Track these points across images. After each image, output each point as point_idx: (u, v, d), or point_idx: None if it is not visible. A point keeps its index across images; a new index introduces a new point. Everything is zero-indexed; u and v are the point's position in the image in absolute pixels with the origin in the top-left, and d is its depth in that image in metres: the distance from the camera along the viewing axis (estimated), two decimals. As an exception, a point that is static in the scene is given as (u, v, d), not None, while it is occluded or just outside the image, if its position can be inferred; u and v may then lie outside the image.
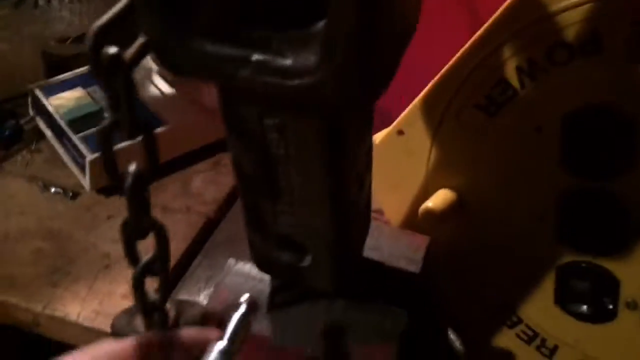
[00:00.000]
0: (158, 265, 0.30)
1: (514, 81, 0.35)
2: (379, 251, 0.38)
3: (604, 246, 0.36)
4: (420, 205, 0.41)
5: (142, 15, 0.23)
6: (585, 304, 0.37)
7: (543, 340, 0.40)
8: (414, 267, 0.36)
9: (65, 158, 0.66)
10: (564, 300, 0.38)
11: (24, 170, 0.68)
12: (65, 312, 0.52)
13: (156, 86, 0.71)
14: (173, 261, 0.57)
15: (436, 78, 0.37)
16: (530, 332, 0.40)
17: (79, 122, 0.65)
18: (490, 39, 0.35)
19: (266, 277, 0.36)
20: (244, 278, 0.36)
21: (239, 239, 0.60)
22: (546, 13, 0.33)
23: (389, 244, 0.38)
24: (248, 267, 0.36)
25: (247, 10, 0.22)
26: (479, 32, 0.35)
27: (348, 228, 0.30)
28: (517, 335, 0.41)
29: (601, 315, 0.37)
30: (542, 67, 0.34)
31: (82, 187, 0.64)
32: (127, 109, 0.24)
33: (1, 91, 0.76)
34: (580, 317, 0.38)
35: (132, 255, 0.29)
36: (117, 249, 0.58)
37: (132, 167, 0.26)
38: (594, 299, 0.37)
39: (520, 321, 0.40)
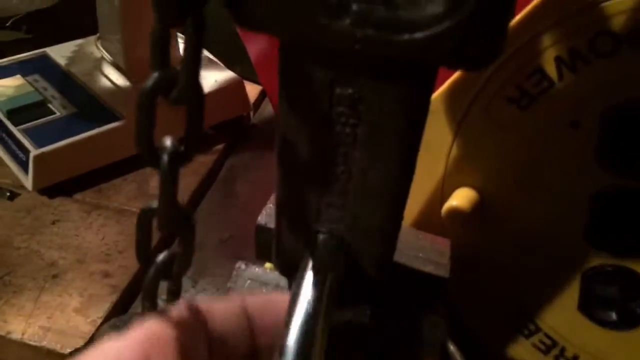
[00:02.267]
0: (178, 265, 0.24)
1: (552, 72, 0.33)
2: (401, 253, 0.34)
3: (636, 249, 0.34)
4: (434, 204, 0.38)
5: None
6: (611, 310, 0.36)
7: (562, 350, 0.38)
8: (443, 272, 0.33)
9: (2, 154, 0.58)
10: (589, 306, 0.36)
11: (-51, 167, 0.59)
12: (6, 330, 0.44)
13: (108, 78, 0.64)
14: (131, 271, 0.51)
15: (458, 73, 0.35)
16: (548, 341, 0.38)
17: (20, 113, 0.57)
18: (528, 26, 0.33)
19: (283, 283, 0.31)
20: (258, 283, 0.31)
21: (207, 245, 0.56)
22: (592, 0, 0.31)
23: (411, 246, 0.35)
24: (259, 272, 0.32)
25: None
26: (516, 18, 0.33)
27: (399, 226, 0.26)
28: (534, 345, 0.39)
29: (628, 321, 0.35)
30: (584, 58, 0.32)
31: (22, 187, 0.56)
32: (192, 62, 0.19)
33: None
34: (605, 324, 0.36)
35: (145, 251, 0.24)
36: (65, 257, 0.51)
37: (168, 142, 0.21)
38: (621, 304, 0.35)
39: (538, 329, 0.38)
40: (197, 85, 0.20)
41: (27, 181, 0.55)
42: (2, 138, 0.57)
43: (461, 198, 0.36)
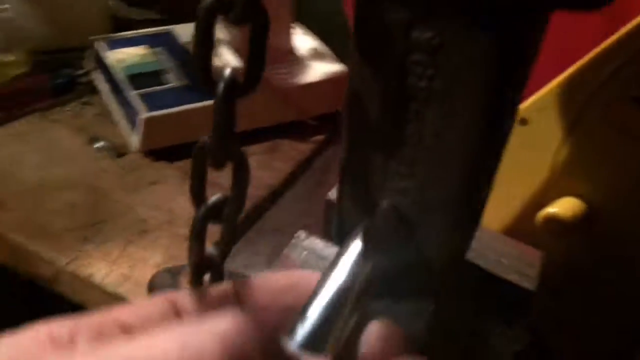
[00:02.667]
0: (230, 207, 0.23)
1: (693, 72, 0.28)
2: (484, 258, 0.30)
3: None
4: (531, 211, 0.34)
5: None
6: None
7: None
8: (529, 284, 0.29)
9: (117, 115, 0.61)
10: None
11: (72, 121, 0.63)
12: (90, 272, 0.46)
13: (222, 57, 0.66)
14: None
15: (582, 61, 0.31)
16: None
17: (140, 78, 0.60)
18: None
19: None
20: (315, 256, 0.29)
21: (287, 230, 0.55)
22: None
23: (494, 250, 0.31)
24: (321, 245, 0.30)
25: None
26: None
27: (476, 212, 0.23)
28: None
29: None
30: None
31: (130, 147, 0.59)
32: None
33: (60, 40, 0.72)
34: None
35: (199, 190, 0.23)
36: (156, 217, 0.52)
37: (227, 71, 0.20)
38: None
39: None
40: (258, 3, 0.19)
41: (135, 142, 0.57)
42: (120, 100, 0.61)
43: (564, 206, 0.31)
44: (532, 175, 0.34)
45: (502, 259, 0.30)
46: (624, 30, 0.29)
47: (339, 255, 0.21)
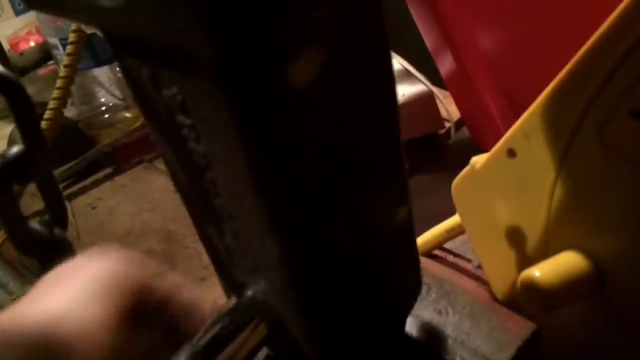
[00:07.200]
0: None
1: None
2: (437, 336, 0.24)
3: None
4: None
5: None
6: None
7: None
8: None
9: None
10: None
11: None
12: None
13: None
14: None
15: (564, 71, 0.23)
16: None
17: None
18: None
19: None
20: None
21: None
22: None
23: (464, 321, 0.25)
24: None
25: None
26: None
27: (323, 277, 0.18)
28: None
29: None
30: None
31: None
32: None
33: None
34: None
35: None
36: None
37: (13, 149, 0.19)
38: None
39: None
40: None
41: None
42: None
43: (554, 266, 0.24)
44: (529, 224, 0.26)
45: (463, 332, 0.24)
46: (609, 24, 0.21)
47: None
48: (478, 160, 0.28)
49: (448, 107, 0.63)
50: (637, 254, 0.22)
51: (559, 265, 0.23)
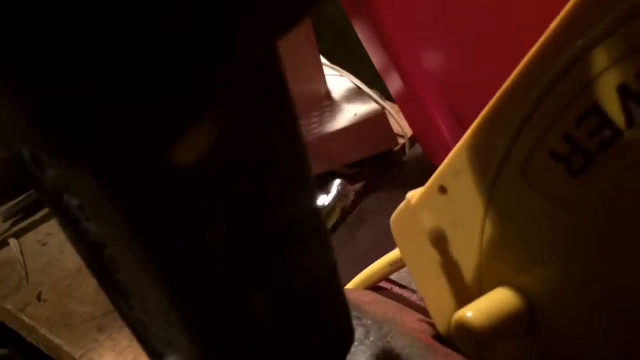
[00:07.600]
0: None
1: (615, 112, 0.19)
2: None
3: None
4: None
5: None
6: None
7: None
8: None
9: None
10: None
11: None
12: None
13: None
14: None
15: (488, 107, 0.23)
16: None
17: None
18: (569, 36, 0.19)
19: None
20: None
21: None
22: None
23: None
24: None
25: None
26: (551, 26, 0.20)
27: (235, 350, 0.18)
28: None
29: None
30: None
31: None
32: None
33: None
34: None
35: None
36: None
37: None
38: None
39: None
40: None
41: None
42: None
43: (485, 305, 0.23)
44: (462, 259, 0.26)
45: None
46: (530, 57, 0.21)
47: None
48: (413, 195, 0.28)
49: (401, 123, 0.63)
50: (564, 289, 0.22)
51: (491, 304, 0.23)
